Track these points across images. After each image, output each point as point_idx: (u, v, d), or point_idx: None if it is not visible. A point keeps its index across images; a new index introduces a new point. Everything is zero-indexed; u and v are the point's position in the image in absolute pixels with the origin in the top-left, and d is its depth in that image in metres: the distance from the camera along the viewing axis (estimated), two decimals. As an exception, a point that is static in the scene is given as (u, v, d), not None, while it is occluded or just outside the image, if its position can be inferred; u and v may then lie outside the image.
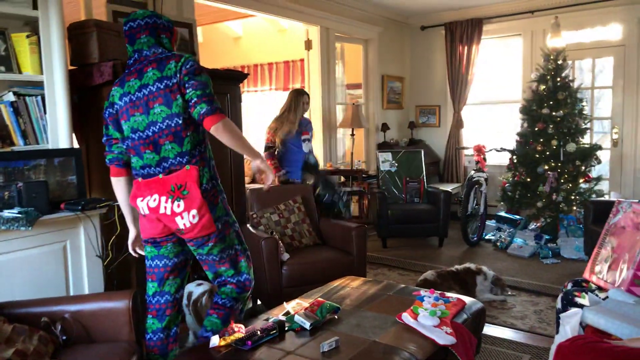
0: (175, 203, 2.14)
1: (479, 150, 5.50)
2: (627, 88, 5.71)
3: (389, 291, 2.77)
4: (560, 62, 5.29)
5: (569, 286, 2.48)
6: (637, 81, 5.62)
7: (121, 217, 2.99)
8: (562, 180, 5.14)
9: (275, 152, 4.60)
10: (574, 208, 5.18)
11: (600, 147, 5.35)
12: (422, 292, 2.57)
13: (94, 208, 2.83)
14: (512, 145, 5.58)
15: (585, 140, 5.40)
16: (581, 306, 2.11)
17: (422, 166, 5.71)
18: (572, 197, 5.15)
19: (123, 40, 3.15)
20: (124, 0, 3.73)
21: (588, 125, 5.43)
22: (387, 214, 5.19)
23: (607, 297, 2.08)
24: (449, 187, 5.93)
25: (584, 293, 2.25)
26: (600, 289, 2.31)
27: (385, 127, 6.65)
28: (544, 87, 5.28)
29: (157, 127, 2.14)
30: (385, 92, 6.82)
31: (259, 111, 8.05)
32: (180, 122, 2.12)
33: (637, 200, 2.18)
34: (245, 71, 7.59)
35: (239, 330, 2.21)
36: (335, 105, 6.03)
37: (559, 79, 5.25)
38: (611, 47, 5.81)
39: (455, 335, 2.24)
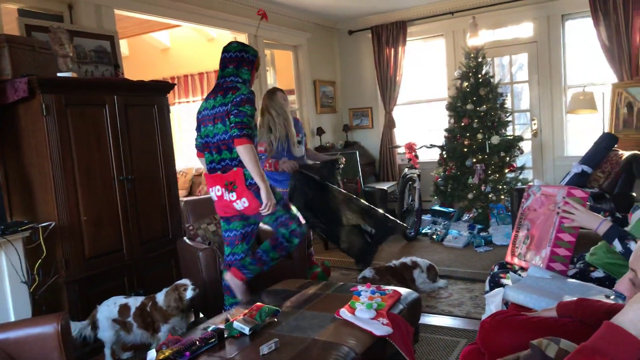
0: (231, 194, 2.88)
1: (410, 147, 5.69)
2: (541, 81, 6.09)
3: (327, 290, 2.81)
4: (480, 59, 5.57)
5: (496, 269, 2.61)
6: (550, 74, 6.01)
7: (46, 239, 2.88)
8: (489, 172, 5.40)
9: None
10: (502, 197, 5.45)
11: (521, 138, 5.68)
12: (359, 287, 2.63)
13: (15, 232, 2.71)
14: (441, 141, 5.81)
15: (508, 132, 5.71)
16: (505, 285, 2.23)
17: (358, 167, 5.83)
18: (500, 187, 5.42)
19: (38, 55, 3.04)
20: (37, 13, 3.58)
21: (509, 118, 5.75)
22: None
23: (526, 274, 2.21)
24: (385, 186, 6.08)
25: (508, 274, 2.39)
26: (522, 269, 2.45)
27: (320, 131, 6.74)
28: (467, 84, 5.54)
29: (218, 137, 2.89)
30: (318, 96, 6.91)
31: (191, 121, 7.94)
32: (229, 137, 2.83)
33: (544, 183, 2.33)
34: (176, 82, 7.47)
35: (177, 342, 2.17)
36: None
37: (480, 76, 5.52)
38: (525, 44, 6.19)
39: (392, 325, 2.30)
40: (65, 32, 3.33)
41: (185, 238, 3.68)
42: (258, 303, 2.54)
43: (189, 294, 2.95)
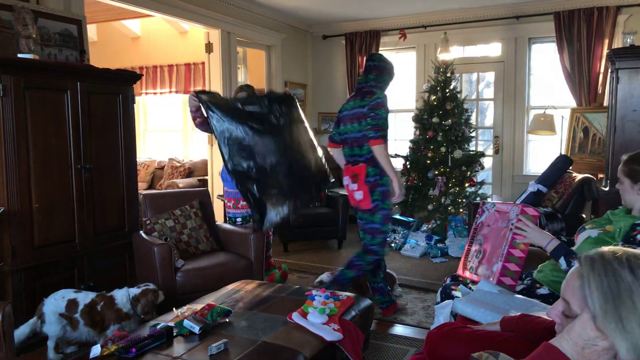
0: (354, 184, 3.31)
1: (376, 156, 5.74)
2: (506, 100, 6.27)
3: (282, 293, 2.81)
4: (449, 74, 5.68)
5: (448, 281, 2.67)
6: (514, 94, 6.20)
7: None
8: (450, 185, 5.52)
9: None
10: (461, 210, 5.58)
11: (483, 154, 5.83)
12: (314, 291, 2.64)
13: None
14: (405, 151, 5.90)
15: (471, 147, 5.85)
16: (455, 298, 2.29)
17: (322, 171, 5.85)
18: (459, 200, 5.54)
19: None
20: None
21: (473, 134, 5.90)
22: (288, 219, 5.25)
23: (476, 288, 2.27)
24: (348, 192, 6.13)
25: (459, 286, 2.45)
26: (473, 282, 2.52)
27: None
28: (434, 97, 5.65)
29: (354, 135, 3.33)
30: (288, 98, 6.90)
31: (158, 112, 7.81)
32: (361, 135, 3.27)
33: (499, 201, 2.41)
34: (144, 72, 7.34)
35: (124, 338, 2.13)
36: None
37: (448, 90, 5.64)
38: (493, 63, 6.35)
39: (343, 331, 2.32)
40: (30, 12, 3.22)
41: (141, 232, 3.61)
42: (210, 302, 2.52)
43: (160, 298, 2.96)
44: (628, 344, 1.06)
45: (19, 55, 3.10)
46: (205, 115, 3.19)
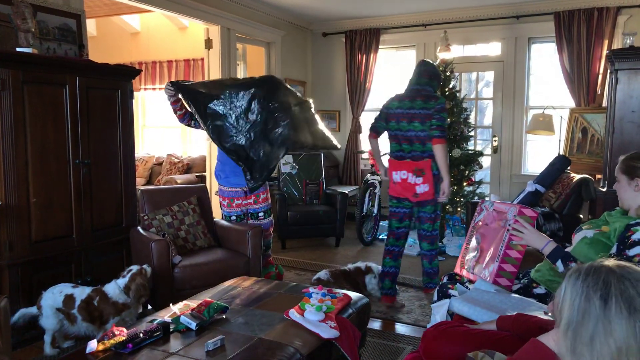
0: (418, 178, 3.58)
1: (374, 154, 5.74)
2: (505, 100, 6.27)
3: (279, 290, 2.81)
4: (448, 73, 5.67)
5: (445, 279, 2.67)
6: (513, 94, 6.20)
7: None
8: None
9: None
10: (459, 209, 5.58)
11: (482, 154, 5.83)
12: (311, 289, 2.64)
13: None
14: (404, 150, 5.89)
15: (470, 146, 5.85)
16: (452, 297, 2.29)
17: (321, 169, 5.85)
18: (457, 199, 5.54)
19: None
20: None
21: (472, 133, 5.89)
22: (286, 216, 5.25)
23: (473, 287, 2.27)
24: (347, 190, 6.12)
25: (456, 285, 2.45)
26: (470, 281, 2.52)
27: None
28: (434, 96, 5.63)
29: (412, 133, 3.59)
30: (287, 95, 6.89)
31: (157, 108, 7.80)
32: (425, 135, 3.56)
33: (497, 200, 2.40)
34: (143, 68, 7.33)
35: (120, 334, 2.13)
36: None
37: (447, 89, 5.62)
38: (492, 62, 6.35)
39: (340, 329, 2.33)
40: (29, 6, 3.21)
41: (139, 228, 3.61)
42: (207, 298, 2.53)
43: (149, 271, 2.97)
44: None
45: (18, 49, 3.09)
46: (184, 100, 3.66)
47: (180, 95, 3.70)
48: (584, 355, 1.06)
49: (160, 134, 7.89)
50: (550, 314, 1.68)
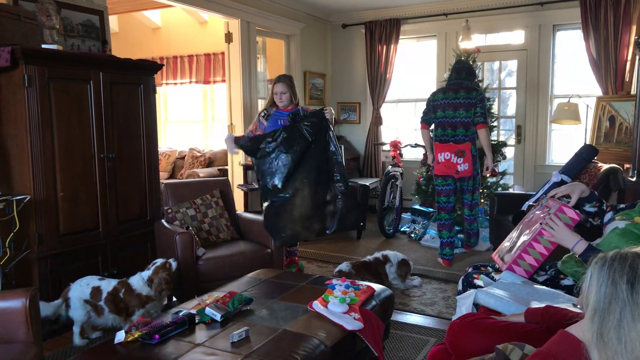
0: (459, 158, 4.32)
1: (395, 145, 5.71)
2: (528, 89, 6.15)
3: (302, 281, 2.82)
4: (470, 62, 5.59)
5: (470, 270, 2.64)
6: (538, 83, 6.07)
7: (20, 212, 2.83)
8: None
9: None
10: (482, 201, 5.51)
11: (505, 144, 5.74)
12: (334, 281, 2.64)
13: (-12, 203, 2.65)
14: (426, 141, 5.84)
15: (493, 137, 5.76)
16: (478, 288, 2.26)
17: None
18: (481, 191, 5.47)
19: (23, 25, 2.99)
20: (25, -18, 3.49)
21: (495, 124, 5.80)
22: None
23: (499, 279, 2.24)
24: (368, 182, 6.10)
25: (481, 276, 2.42)
26: (496, 271, 2.48)
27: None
28: (455, 86, 5.55)
29: (457, 120, 4.31)
30: (307, 88, 6.88)
31: (179, 103, 7.87)
32: (469, 121, 4.31)
33: (552, 196, 2.35)
34: (165, 63, 7.39)
35: (147, 325, 2.16)
36: (257, 100, 6.00)
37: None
38: (516, 51, 6.23)
39: (364, 320, 2.32)
40: (53, 3, 3.26)
41: (163, 220, 3.66)
42: (232, 290, 2.55)
43: (174, 266, 2.98)
44: (602, 354, 1.06)
45: (43, 46, 3.14)
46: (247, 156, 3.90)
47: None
48: (612, 340, 1.05)
49: (182, 128, 7.96)
50: (579, 306, 1.64)
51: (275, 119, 3.92)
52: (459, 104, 4.29)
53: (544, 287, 2.17)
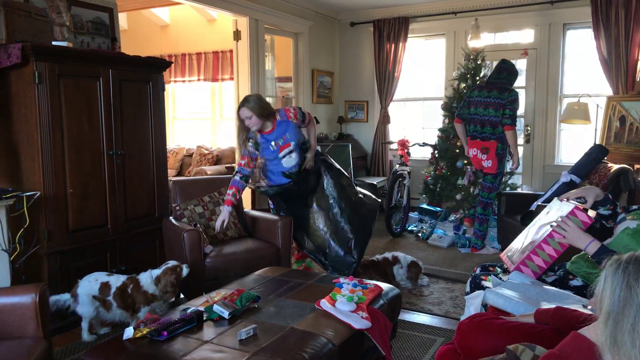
0: (484, 155, 4.59)
1: (403, 144, 5.69)
2: (538, 88, 6.11)
3: (310, 280, 2.82)
4: (479, 62, 5.57)
5: (478, 270, 2.63)
6: (547, 82, 6.03)
7: (30, 209, 2.85)
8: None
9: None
10: (491, 200, 5.47)
11: (514, 143, 5.70)
12: (342, 279, 2.64)
13: (-1, 199, 2.67)
14: (434, 140, 5.82)
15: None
16: (486, 288, 2.25)
17: (349, 160, 5.82)
18: (488, 190, 5.43)
19: (34, 21, 3.00)
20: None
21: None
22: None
23: (507, 279, 2.23)
24: (375, 181, 6.10)
25: (489, 276, 2.41)
26: (504, 272, 2.47)
27: (315, 121, 6.71)
28: (464, 85, 5.54)
29: (486, 118, 4.54)
30: (315, 86, 6.88)
31: (187, 100, 7.89)
32: (497, 120, 4.48)
33: (567, 199, 2.33)
34: (173, 60, 7.41)
35: (156, 322, 2.17)
36: (265, 98, 6.00)
37: (478, 78, 5.52)
38: (525, 50, 6.18)
39: (371, 319, 2.31)
40: (64, 0, 3.27)
41: (171, 218, 3.67)
42: (239, 288, 2.55)
43: (185, 272, 2.98)
44: (616, 357, 1.05)
45: (54, 43, 3.15)
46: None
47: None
48: (626, 345, 1.04)
49: (190, 125, 7.98)
50: (590, 307, 1.63)
51: (266, 146, 3.62)
52: (490, 102, 4.48)
53: (553, 287, 2.15)
